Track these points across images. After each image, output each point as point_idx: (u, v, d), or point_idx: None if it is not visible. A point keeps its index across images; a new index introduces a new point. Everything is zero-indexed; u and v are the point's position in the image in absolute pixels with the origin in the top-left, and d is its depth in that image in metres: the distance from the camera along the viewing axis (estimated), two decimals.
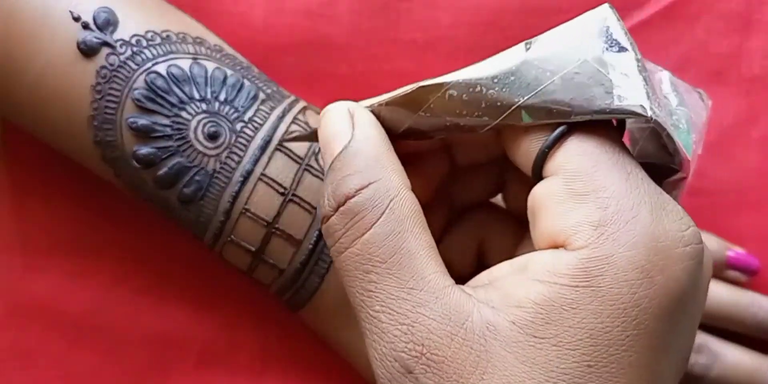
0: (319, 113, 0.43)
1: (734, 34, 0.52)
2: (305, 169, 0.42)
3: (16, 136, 0.50)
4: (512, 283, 0.31)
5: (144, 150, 0.41)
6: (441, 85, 0.33)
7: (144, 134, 0.41)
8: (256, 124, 0.42)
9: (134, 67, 0.41)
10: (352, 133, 0.34)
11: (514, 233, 0.40)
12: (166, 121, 0.41)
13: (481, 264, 0.41)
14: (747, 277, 0.50)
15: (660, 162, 0.34)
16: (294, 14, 0.50)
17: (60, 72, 0.41)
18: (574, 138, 0.32)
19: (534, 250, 0.32)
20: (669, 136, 0.32)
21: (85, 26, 0.41)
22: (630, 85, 0.31)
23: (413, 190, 0.33)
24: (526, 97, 0.32)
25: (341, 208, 0.32)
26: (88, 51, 0.41)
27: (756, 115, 0.52)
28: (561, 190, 0.31)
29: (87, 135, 0.42)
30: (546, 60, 0.32)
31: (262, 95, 0.43)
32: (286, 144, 0.42)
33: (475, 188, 0.41)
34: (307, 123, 0.43)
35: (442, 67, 0.49)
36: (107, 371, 0.50)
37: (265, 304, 0.49)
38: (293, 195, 0.42)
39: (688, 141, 0.34)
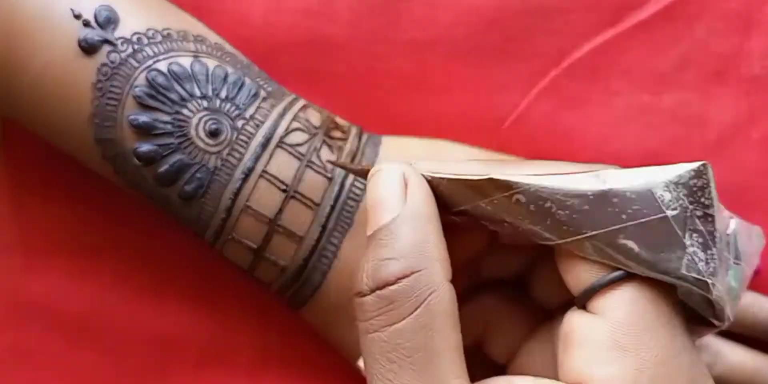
0: (319, 112, 0.43)
1: (734, 34, 0.52)
2: (307, 166, 0.42)
3: (16, 135, 0.50)
4: None
5: (145, 147, 0.41)
6: (511, 186, 0.32)
7: (145, 131, 0.41)
8: (257, 122, 0.42)
9: (135, 64, 0.41)
10: (404, 205, 0.33)
11: (523, 326, 0.40)
12: (167, 118, 0.41)
13: (479, 346, 0.41)
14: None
15: (700, 312, 0.34)
16: (293, 13, 0.50)
17: (61, 70, 0.41)
18: (632, 286, 0.31)
19: (541, 356, 0.34)
20: (721, 308, 0.32)
21: (86, 24, 0.41)
22: (702, 257, 0.31)
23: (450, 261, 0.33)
24: (594, 232, 0.31)
25: (378, 292, 0.32)
26: (89, 48, 0.41)
27: (756, 115, 0.52)
28: (604, 336, 0.31)
29: (88, 132, 0.42)
30: (626, 200, 0.31)
31: (263, 93, 0.43)
32: (288, 141, 0.42)
33: (505, 265, 0.40)
34: (308, 120, 0.43)
35: (442, 66, 0.49)
36: (107, 371, 0.50)
37: (265, 304, 0.49)
38: (295, 192, 0.42)
39: (736, 302, 0.34)
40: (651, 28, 0.51)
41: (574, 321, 0.32)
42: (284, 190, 0.42)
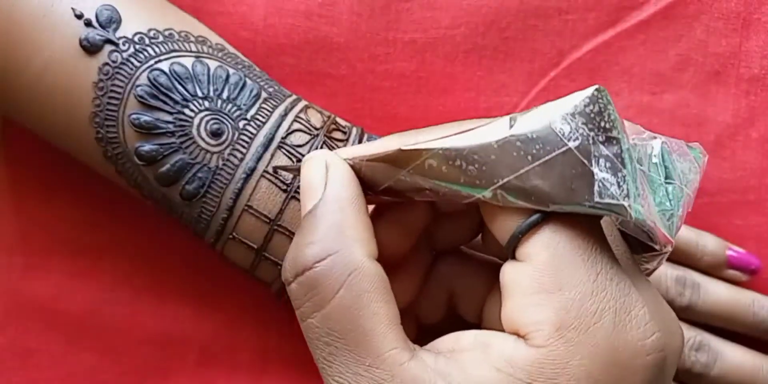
0: (320, 112, 0.43)
1: (734, 34, 0.52)
2: None
3: (17, 135, 0.50)
4: (472, 361, 0.31)
5: (146, 147, 0.41)
6: (420, 152, 0.32)
7: (146, 131, 0.41)
8: (258, 122, 0.42)
9: (137, 64, 0.41)
10: (323, 191, 0.34)
11: (486, 283, 0.40)
12: (168, 118, 0.41)
13: (452, 309, 0.41)
14: (747, 276, 0.50)
15: (640, 238, 0.34)
16: (294, 15, 0.50)
17: (62, 69, 0.41)
18: (549, 227, 0.32)
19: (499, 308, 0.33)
20: (651, 230, 0.32)
21: (88, 23, 0.41)
22: (613, 181, 0.31)
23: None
24: (505, 180, 0.31)
25: (299, 279, 0.33)
26: (90, 48, 0.41)
27: (755, 115, 0.52)
28: (528, 282, 0.31)
29: (89, 132, 0.42)
30: (529, 141, 0.31)
31: (264, 94, 0.43)
32: (289, 142, 0.42)
33: (455, 233, 0.40)
34: (309, 121, 0.43)
35: (442, 67, 0.49)
36: (107, 371, 0.51)
37: (266, 304, 0.49)
38: (296, 192, 0.42)
39: (673, 222, 0.34)
40: (650, 29, 0.51)
41: (506, 271, 0.33)
42: (285, 190, 0.42)
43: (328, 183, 0.34)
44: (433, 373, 0.31)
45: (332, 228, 0.33)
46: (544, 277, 0.31)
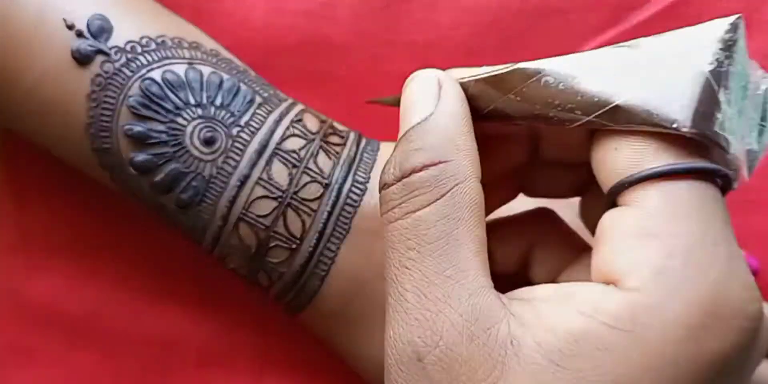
0: (317, 117, 0.43)
1: None
2: (303, 172, 0.42)
3: (16, 136, 0.50)
4: (552, 308, 0.29)
5: (140, 157, 0.41)
6: (539, 70, 0.31)
7: (140, 141, 0.41)
8: (252, 129, 0.42)
9: (129, 74, 0.41)
10: (437, 105, 0.33)
11: (568, 250, 0.39)
12: (161, 128, 0.41)
13: (524, 267, 0.40)
14: None
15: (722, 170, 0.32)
16: (294, 15, 0.50)
17: (55, 81, 0.41)
18: (662, 183, 0.29)
19: (581, 277, 0.31)
20: (736, 169, 0.31)
21: (79, 34, 0.41)
22: (731, 114, 0.29)
23: (484, 168, 0.32)
24: (626, 97, 0.30)
25: (405, 180, 0.32)
26: (82, 59, 0.41)
27: None
28: (631, 224, 0.29)
29: (84, 143, 0.42)
30: (658, 61, 0.30)
31: (258, 99, 0.43)
32: (284, 148, 0.42)
33: (552, 183, 0.39)
34: (305, 126, 0.43)
35: (442, 68, 0.49)
36: (107, 372, 0.51)
37: (265, 306, 0.49)
38: (291, 198, 0.41)
39: (753, 164, 0.32)
40: (651, 29, 0.51)
41: (605, 217, 0.31)
42: (280, 197, 0.41)
43: (443, 98, 0.33)
44: (505, 311, 0.30)
45: (446, 139, 0.32)
46: (652, 220, 0.29)
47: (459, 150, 0.32)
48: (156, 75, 0.41)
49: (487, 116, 0.34)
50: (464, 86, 0.34)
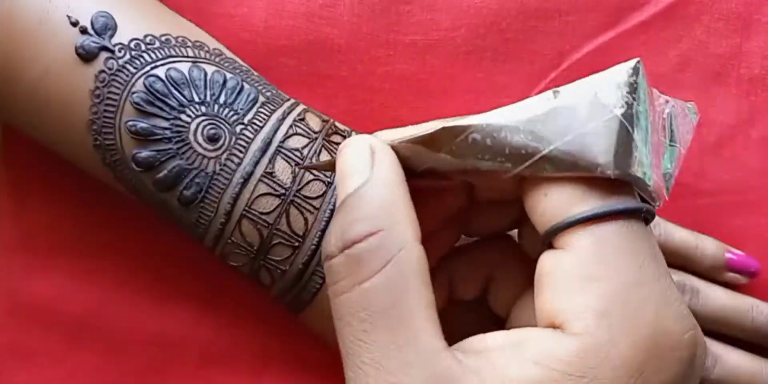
0: (319, 116, 0.44)
1: (734, 34, 0.52)
2: (306, 170, 0.42)
3: (18, 136, 0.50)
4: (506, 358, 0.30)
5: (143, 153, 0.41)
6: (465, 127, 0.32)
7: (143, 137, 0.41)
8: (255, 127, 0.42)
9: (133, 70, 0.41)
10: (371, 172, 0.33)
11: (526, 273, 0.39)
12: (165, 124, 0.41)
13: (484, 295, 0.40)
14: (746, 279, 0.50)
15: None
16: (294, 16, 0.50)
17: (59, 77, 0.41)
18: (592, 226, 0.31)
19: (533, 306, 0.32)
20: (657, 197, 0.32)
21: (83, 31, 0.41)
22: (644, 152, 0.31)
23: (425, 219, 0.33)
24: (551, 147, 0.31)
25: (346, 251, 0.31)
26: (86, 56, 0.41)
27: (756, 115, 0.52)
28: (567, 270, 0.31)
29: (86, 139, 0.42)
30: (574, 110, 0.31)
31: (261, 98, 0.43)
32: (287, 146, 0.42)
33: (491, 221, 0.40)
34: (307, 125, 0.43)
35: (442, 69, 0.49)
36: (108, 371, 0.51)
37: (266, 305, 0.49)
38: (294, 196, 0.42)
39: (670, 183, 0.34)
40: (650, 29, 0.51)
41: (544, 259, 0.32)
42: (283, 195, 0.42)
43: (377, 165, 0.33)
44: (462, 369, 0.30)
45: (382, 207, 0.32)
46: (587, 265, 0.30)
47: (396, 217, 0.32)
48: (160, 72, 0.41)
49: (421, 175, 0.34)
50: (396, 149, 0.34)
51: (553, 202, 0.31)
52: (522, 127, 0.31)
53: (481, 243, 0.41)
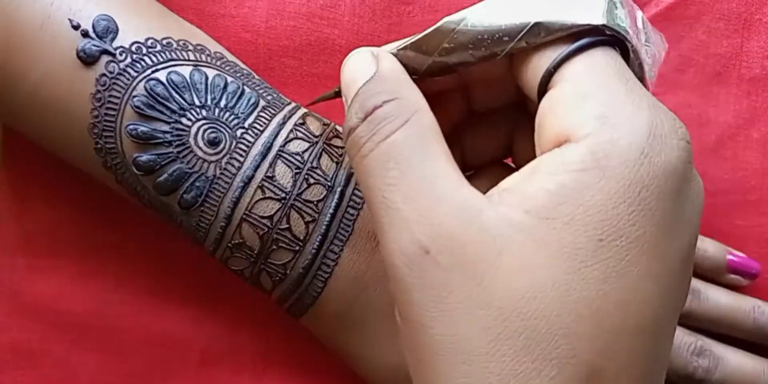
0: (319, 119, 0.44)
1: (734, 34, 0.52)
2: (307, 175, 0.42)
3: (17, 136, 0.50)
4: (525, 184, 0.32)
5: (144, 157, 0.41)
6: (461, 18, 0.35)
7: (144, 141, 0.41)
8: (256, 131, 0.42)
9: (134, 74, 0.41)
10: (377, 66, 0.36)
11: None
12: (165, 128, 0.41)
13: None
14: (748, 280, 0.50)
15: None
16: (296, 17, 0.50)
17: (60, 80, 0.41)
18: (580, 56, 0.33)
19: None
20: (641, 64, 0.35)
21: (85, 34, 0.41)
22: (623, 13, 0.34)
23: None
24: (542, 16, 0.33)
25: (368, 117, 0.34)
26: (87, 59, 0.41)
27: (756, 115, 0.52)
28: (567, 92, 0.32)
29: (88, 143, 0.42)
30: None
31: (262, 102, 0.43)
32: (287, 150, 0.42)
33: (487, 143, 0.42)
34: (308, 129, 0.43)
35: None
36: (110, 372, 0.51)
37: (268, 305, 0.49)
38: (295, 200, 0.42)
39: (651, 73, 0.37)
40: None
41: (542, 102, 0.34)
42: (284, 199, 0.41)
43: (380, 62, 0.36)
44: (487, 200, 0.32)
45: (395, 82, 0.35)
46: (583, 84, 0.32)
47: (409, 89, 0.35)
48: (161, 76, 0.41)
49: (424, 76, 0.37)
50: (397, 56, 0.37)
51: (546, 56, 0.34)
52: (513, 8, 0.34)
53: (477, 172, 0.43)
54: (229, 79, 0.43)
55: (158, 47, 0.42)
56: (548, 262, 0.30)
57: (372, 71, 0.36)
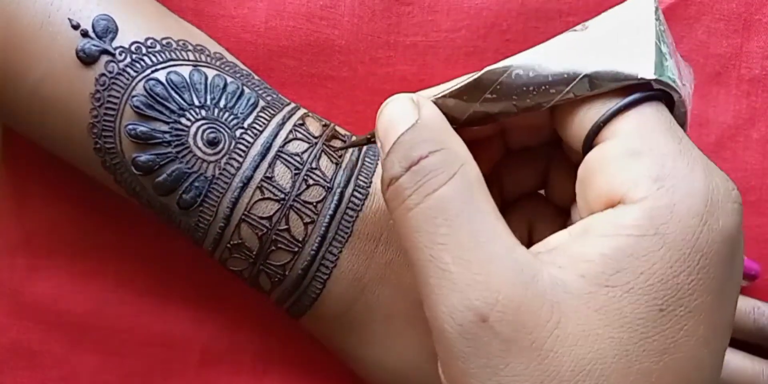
0: (319, 120, 0.43)
1: (734, 35, 0.52)
2: (306, 175, 0.42)
3: (17, 136, 0.50)
4: (578, 246, 0.31)
5: (143, 157, 0.41)
6: (507, 66, 0.34)
7: (143, 141, 0.41)
8: (255, 131, 0.42)
9: (133, 74, 0.41)
10: (419, 114, 0.34)
11: (563, 222, 0.40)
12: (165, 128, 0.41)
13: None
14: (747, 282, 0.50)
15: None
16: (295, 17, 0.50)
17: (59, 80, 0.41)
18: (630, 111, 0.32)
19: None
20: (685, 112, 0.35)
21: (84, 34, 0.41)
22: (671, 65, 0.33)
23: None
24: (591, 68, 0.33)
25: (413, 168, 0.33)
26: (87, 59, 0.41)
27: (756, 115, 0.52)
28: (617, 149, 0.32)
29: (87, 142, 0.42)
30: (607, 33, 0.34)
31: (262, 102, 0.43)
32: (287, 150, 0.42)
33: (523, 178, 0.41)
34: (307, 130, 0.43)
35: (443, 70, 0.49)
36: (110, 372, 0.51)
37: (267, 305, 0.49)
38: (294, 201, 0.42)
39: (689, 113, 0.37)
40: None
41: (588, 158, 0.33)
42: (283, 200, 0.42)
43: (422, 109, 0.35)
44: (539, 262, 0.31)
45: (440, 131, 0.34)
46: (633, 142, 0.32)
47: (453, 140, 0.34)
48: (160, 76, 0.41)
49: (464, 124, 0.36)
50: (437, 103, 0.36)
51: (595, 109, 0.33)
52: (561, 57, 0.34)
53: (515, 205, 0.42)
54: (229, 79, 0.43)
55: (158, 47, 0.42)
56: (609, 333, 0.30)
57: (413, 118, 0.34)
